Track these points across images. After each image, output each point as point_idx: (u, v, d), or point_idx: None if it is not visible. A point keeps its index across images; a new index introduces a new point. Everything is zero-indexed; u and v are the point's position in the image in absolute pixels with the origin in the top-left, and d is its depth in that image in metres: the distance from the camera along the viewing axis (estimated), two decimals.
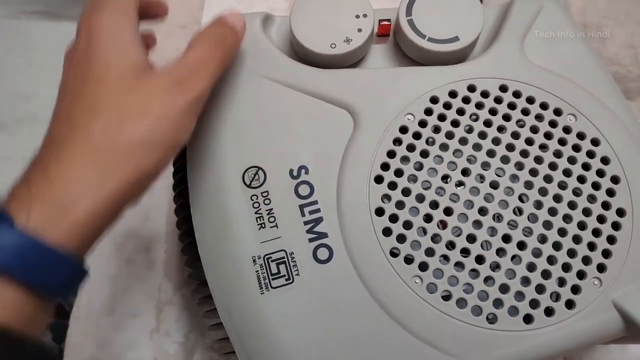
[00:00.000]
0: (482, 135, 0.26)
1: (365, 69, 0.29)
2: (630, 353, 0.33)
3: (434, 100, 0.27)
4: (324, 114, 0.27)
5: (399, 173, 0.26)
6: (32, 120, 0.93)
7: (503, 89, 0.27)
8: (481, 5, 0.28)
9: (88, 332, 0.34)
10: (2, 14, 0.99)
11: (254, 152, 0.27)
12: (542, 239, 0.25)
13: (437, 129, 0.26)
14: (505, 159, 0.26)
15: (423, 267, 0.24)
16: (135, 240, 0.37)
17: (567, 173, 0.26)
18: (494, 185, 0.25)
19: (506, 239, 0.25)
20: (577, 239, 0.25)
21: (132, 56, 0.21)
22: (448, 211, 0.25)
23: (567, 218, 0.25)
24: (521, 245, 0.24)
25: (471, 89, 0.27)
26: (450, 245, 0.25)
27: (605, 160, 0.26)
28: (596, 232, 0.25)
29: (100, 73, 0.21)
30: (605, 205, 0.25)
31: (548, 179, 0.25)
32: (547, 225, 0.25)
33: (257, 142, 0.27)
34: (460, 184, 0.25)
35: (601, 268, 0.24)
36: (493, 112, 0.27)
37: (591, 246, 0.25)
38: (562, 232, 0.25)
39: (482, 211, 0.25)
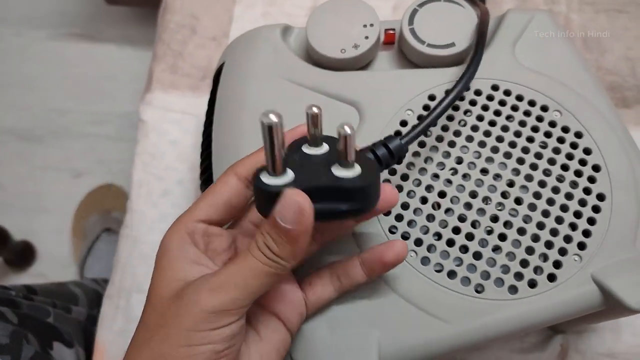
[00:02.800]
0: (475, 128, 0.29)
1: (370, 71, 0.32)
2: (623, 342, 0.35)
3: (432, 97, 0.30)
4: (334, 110, 0.31)
5: (398, 161, 0.29)
6: (66, 133, 1.00)
7: (494, 88, 0.30)
8: (476, 16, 0.32)
9: (119, 306, 0.38)
10: (43, 37, 1.08)
11: None
12: (527, 219, 0.27)
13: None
14: (495, 149, 0.29)
15: (418, 242, 0.27)
16: None
17: (551, 162, 0.28)
18: (484, 171, 0.28)
19: (494, 219, 0.27)
20: (559, 220, 0.27)
21: (176, 276, 0.22)
22: (442, 194, 0.28)
23: (550, 201, 0.27)
24: (507, 224, 0.27)
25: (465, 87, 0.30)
26: (443, 224, 0.27)
27: (587, 151, 0.28)
28: (577, 214, 0.27)
29: (149, 292, 0.23)
30: (587, 191, 0.28)
31: (534, 166, 0.28)
32: (532, 207, 0.27)
33: None
34: (453, 170, 0.28)
35: (581, 246, 0.27)
36: (485, 108, 0.30)
37: (573, 226, 0.27)
38: (545, 213, 0.27)
39: (473, 194, 0.28)
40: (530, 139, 0.29)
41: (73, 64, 1.07)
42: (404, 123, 0.30)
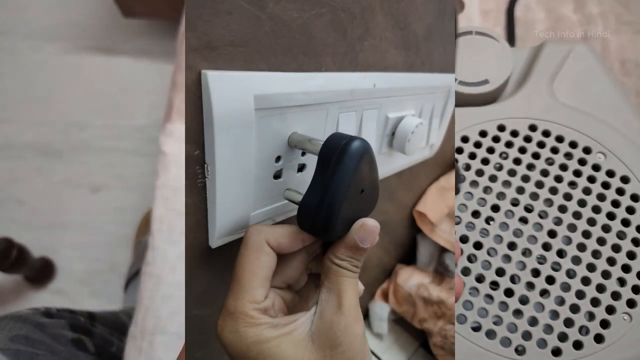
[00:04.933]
0: (512, 172, 0.28)
1: None
2: None
3: (465, 139, 0.29)
4: None
5: None
6: (86, 148, 1.00)
7: (532, 128, 0.28)
8: (511, 50, 0.30)
9: (142, 349, 0.37)
10: (60, 50, 1.08)
11: None
12: (571, 274, 0.25)
13: (467, 167, 0.28)
14: (534, 196, 0.27)
15: None
16: None
17: (596, 210, 0.26)
18: (524, 220, 0.26)
19: (535, 273, 0.26)
20: (606, 275, 0.25)
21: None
22: (478, 245, 0.26)
23: (596, 254, 0.26)
24: (550, 280, 0.25)
25: (501, 128, 0.29)
26: (480, 277, 0.26)
27: (635, 198, 0.27)
28: (626, 268, 0.25)
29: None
30: (635, 242, 0.26)
31: (577, 215, 0.26)
32: (576, 260, 0.26)
33: None
34: (489, 219, 0.27)
35: (631, 303, 0.25)
36: (522, 150, 0.28)
37: (621, 281, 0.25)
38: (591, 267, 0.25)
39: (512, 246, 0.26)
40: (572, 184, 0.27)
41: (90, 78, 1.07)
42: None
